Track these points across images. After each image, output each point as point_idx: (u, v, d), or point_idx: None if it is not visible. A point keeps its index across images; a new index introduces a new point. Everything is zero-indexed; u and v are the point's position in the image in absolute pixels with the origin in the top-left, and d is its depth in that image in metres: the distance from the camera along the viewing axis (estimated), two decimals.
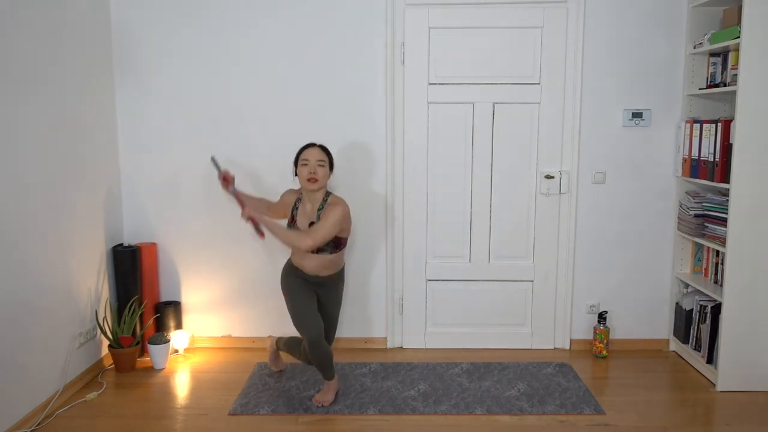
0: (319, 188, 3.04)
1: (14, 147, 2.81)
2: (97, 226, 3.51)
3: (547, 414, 3.01)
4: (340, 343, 3.84)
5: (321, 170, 3.01)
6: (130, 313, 3.55)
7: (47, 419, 2.96)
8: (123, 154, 3.77)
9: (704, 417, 3.00)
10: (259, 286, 3.85)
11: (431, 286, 3.85)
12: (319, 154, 3.03)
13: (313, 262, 3.05)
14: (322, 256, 3.04)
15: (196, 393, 3.28)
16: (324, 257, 3.04)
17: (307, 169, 3.00)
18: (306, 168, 3.00)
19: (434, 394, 3.23)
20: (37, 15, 2.97)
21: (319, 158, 3.02)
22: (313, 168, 2.99)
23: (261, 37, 3.65)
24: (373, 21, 3.63)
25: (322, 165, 3.01)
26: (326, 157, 3.06)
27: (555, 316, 3.86)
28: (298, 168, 3.04)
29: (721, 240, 3.28)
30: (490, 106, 3.69)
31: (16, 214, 2.82)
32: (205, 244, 3.82)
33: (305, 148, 3.06)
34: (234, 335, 3.91)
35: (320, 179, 3.00)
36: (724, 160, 3.23)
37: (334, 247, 3.04)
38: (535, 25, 3.62)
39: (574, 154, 3.71)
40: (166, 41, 3.66)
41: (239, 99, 3.70)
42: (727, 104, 3.61)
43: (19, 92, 2.84)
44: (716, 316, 3.37)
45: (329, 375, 3.11)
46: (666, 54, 3.63)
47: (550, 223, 3.79)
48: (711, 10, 3.53)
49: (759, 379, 3.25)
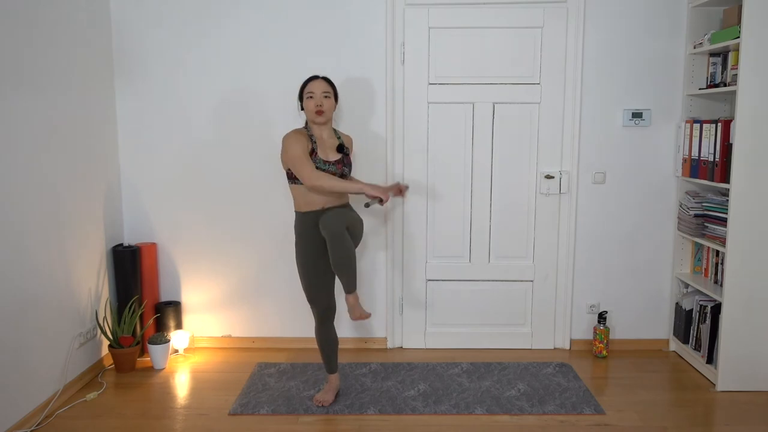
0: (326, 120, 3.00)
1: (14, 147, 2.81)
2: (97, 226, 3.51)
3: (547, 414, 3.01)
4: (340, 343, 3.84)
5: (327, 102, 2.97)
6: (130, 313, 3.55)
7: (47, 419, 2.96)
8: (123, 154, 3.77)
9: (704, 417, 3.00)
10: (259, 286, 3.85)
11: (431, 286, 3.85)
12: (324, 86, 2.98)
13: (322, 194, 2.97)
14: None
15: (196, 393, 3.28)
16: None
17: (313, 101, 2.96)
18: (312, 101, 2.96)
19: (434, 394, 3.23)
20: (37, 15, 2.97)
21: (324, 89, 2.97)
22: (319, 100, 2.95)
23: (261, 37, 3.65)
24: (373, 21, 3.63)
25: (327, 96, 2.97)
26: (331, 88, 3.01)
27: (555, 316, 3.86)
28: (304, 101, 3.00)
29: (721, 240, 3.28)
30: (490, 106, 3.69)
31: (16, 214, 2.82)
32: (205, 244, 3.82)
33: (309, 80, 3.01)
34: (234, 335, 3.91)
35: (327, 111, 2.97)
36: (724, 160, 3.23)
37: (341, 175, 3.02)
38: (535, 25, 3.62)
39: (574, 154, 3.71)
40: (167, 41, 3.66)
41: (239, 99, 3.70)
42: (727, 104, 3.61)
43: (18, 92, 2.84)
44: (716, 316, 3.37)
45: (330, 367, 3.10)
46: (666, 54, 3.63)
47: (550, 223, 3.79)
48: (711, 10, 3.53)
49: (759, 379, 3.25)
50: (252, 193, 3.78)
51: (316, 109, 2.95)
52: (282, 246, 3.78)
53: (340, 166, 3.00)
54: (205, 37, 3.66)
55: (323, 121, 2.99)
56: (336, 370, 3.15)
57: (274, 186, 3.75)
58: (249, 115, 3.71)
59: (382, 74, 3.67)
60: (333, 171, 2.98)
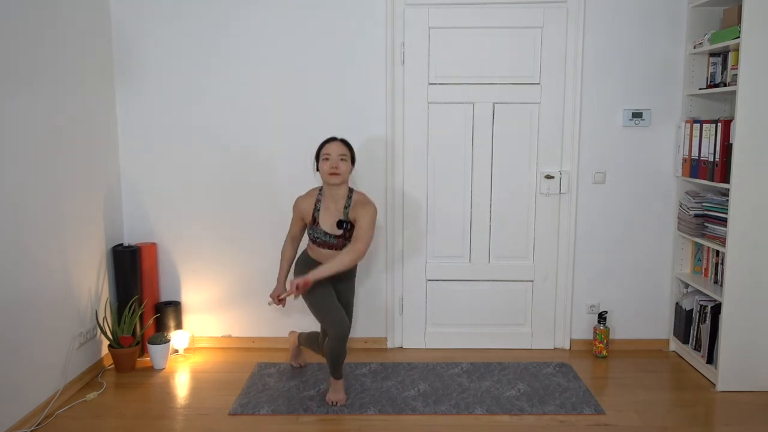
0: (342, 182, 3.00)
1: (14, 147, 2.81)
2: (97, 226, 3.51)
3: (547, 414, 3.01)
4: None
5: (343, 164, 2.98)
6: (130, 313, 3.55)
7: (47, 419, 2.96)
8: (123, 154, 3.77)
9: (704, 417, 3.00)
10: (259, 286, 3.85)
11: (431, 286, 3.85)
12: (341, 148, 3.00)
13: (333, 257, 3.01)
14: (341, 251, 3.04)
15: (196, 393, 3.28)
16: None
17: (328, 163, 2.97)
18: (328, 163, 2.97)
19: (434, 394, 3.23)
20: (37, 15, 2.97)
21: (341, 152, 2.99)
22: (335, 162, 2.96)
23: (261, 37, 3.65)
24: (373, 21, 3.63)
25: (344, 159, 2.98)
26: (348, 151, 3.02)
27: (555, 316, 3.86)
28: (320, 163, 3.01)
29: (721, 240, 3.28)
30: (490, 106, 3.69)
31: (15, 214, 2.82)
32: (205, 244, 3.82)
33: (326, 142, 3.03)
34: (234, 335, 3.91)
35: (342, 173, 2.97)
36: (724, 160, 3.23)
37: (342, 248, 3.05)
38: (535, 25, 3.62)
39: (574, 154, 3.71)
40: (166, 41, 3.66)
41: (239, 99, 3.70)
42: (727, 104, 3.61)
43: (18, 92, 2.84)
44: (716, 316, 3.37)
45: (339, 374, 3.11)
46: (666, 54, 3.63)
47: (550, 223, 3.79)
48: (711, 10, 3.53)
49: (759, 379, 3.25)
50: (252, 193, 3.78)
51: (331, 171, 2.95)
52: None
53: (341, 240, 3.03)
54: (206, 37, 3.66)
55: (338, 183, 2.99)
56: (341, 377, 3.14)
57: (274, 185, 3.75)
58: (248, 114, 3.71)
59: (382, 74, 3.67)
60: (333, 243, 3.03)
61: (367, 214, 2.94)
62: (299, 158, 3.72)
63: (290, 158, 3.73)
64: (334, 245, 3.04)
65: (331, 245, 3.04)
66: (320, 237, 3.04)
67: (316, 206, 3.06)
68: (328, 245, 3.05)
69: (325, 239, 3.03)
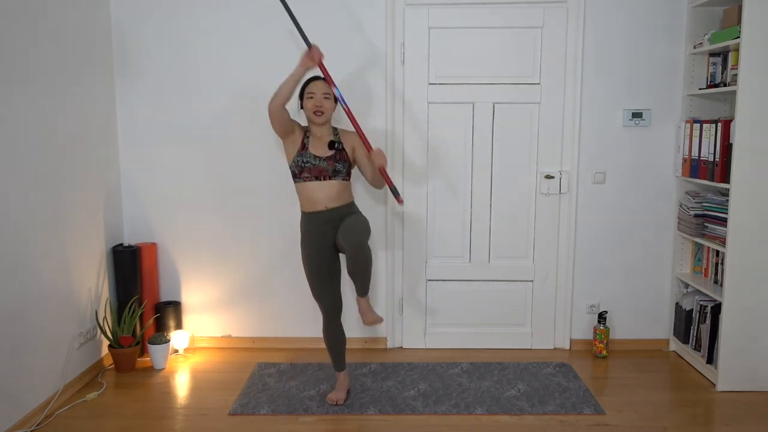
0: (325, 121, 3.02)
1: (14, 147, 2.81)
2: (97, 226, 3.51)
3: (547, 414, 3.01)
4: None
5: (327, 102, 2.99)
6: (130, 313, 3.55)
7: (47, 419, 2.96)
8: (123, 154, 3.77)
9: (704, 417, 3.00)
10: (259, 286, 3.85)
11: (431, 286, 3.85)
12: (325, 87, 3.00)
13: (324, 192, 2.96)
14: (335, 182, 2.97)
15: (196, 393, 3.28)
16: (336, 183, 2.97)
17: (312, 102, 2.98)
18: (312, 101, 2.98)
19: (434, 394, 3.23)
20: (37, 15, 2.97)
21: (325, 91, 2.99)
22: (319, 101, 2.97)
23: (260, 37, 3.65)
24: (373, 21, 3.63)
25: (327, 97, 2.99)
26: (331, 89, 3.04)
27: (555, 316, 3.86)
28: (304, 101, 3.02)
29: (721, 240, 3.28)
30: (490, 106, 3.69)
31: (16, 214, 2.82)
32: (205, 244, 3.82)
33: (310, 80, 3.03)
34: (234, 335, 3.91)
35: (326, 111, 2.99)
36: (724, 160, 3.23)
37: (347, 174, 3.02)
38: (535, 25, 3.62)
39: (574, 154, 3.71)
40: (166, 41, 3.66)
41: (239, 99, 3.70)
42: (727, 104, 3.61)
43: (18, 92, 2.84)
44: (716, 316, 3.37)
45: (337, 365, 3.10)
46: (666, 54, 3.63)
47: (550, 223, 3.79)
48: (711, 10, 3.53)
49: (759, 379, 3.25)
50: (252, 193, 3.78)
51: (315, 109, 2.97)
52: (282, 246, 3.77)
53: (331, 162, 2.98)
54: (205, 37, 3.66)
55: (322, 122, 3.01)
56: (344, 368, 3.15)
57: (274, 185, 3.75)
58: (249, 114, 3.71)
59: (382, 74, 3.67)
60: (324, 166, 2.97)
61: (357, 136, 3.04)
62: None
63: None
64: (324, 169, 2.95)
65: (321, 170, 2.95)
66: (309, 162, 2.95)
67: (305, 134, 3.04)
68: (317, 170, 2.95)
69: (315, 163, 2.95)
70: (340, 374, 3.17)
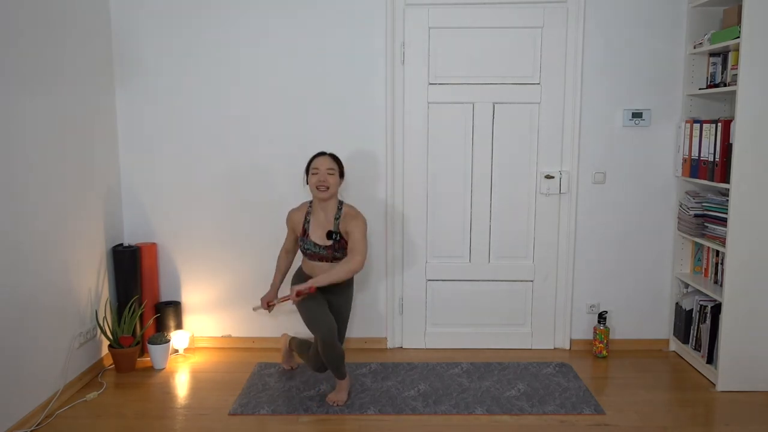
0: (330, 196, 3.07)
1: (14, 147, 2.81)
2: (97, 226, 3.51)
3: (547, 414, 3.01)
4: None
5: (331, 178, 3.05)
6: (130, 313, 3.55)
7: (47, 419, 2.96)
8: (123, 154, 3.77)
9: (704, 417, 3.00)
10: (259, 286, 3.85)
11: (431, 286, 3.85)
12: (329, 163, 3.07)
13: (325, 269, 3.11)
14: (335, 265, 3.08)
15: (196, 393, 3.28)
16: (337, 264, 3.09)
17: (317, 177, 3.05)
18: (316, 176, 3.05)
19: (434, 394, 3.23)
20: (37, 15, 2.97)
21: (329, 166, 3.06)
22: (323, 176, 3.04)
23: (261, 37, 3.65)
24: (373, 21, 3.63)
25: (332, 173, 3.06)
26: (336, 165, 3.10)
27: (555, 316, 3.86)
28: (309, 177, 3.09)
29: (721, 240, 3.28)
30: (490, 106, 3.69)
31: (16, 214, 2.82)
32: (205, 244, 3.82)
33: (315, 157, 3.11)
34: (234, 335, 3.91)
35: (331, 187, 3.05)
36: (724, 160, 3.23)
37: (332, 259, 3.11)
38: (535, 25, 3.62)
39: (574, 154, 3.71)
40: (167, 41, 3.66)
41: (239, 98, 3.70)
42: (727, 104, 3.61)
43: (19, 92, 2.84)
44: (716, 316, 3.37)
45: (341, 374, 3.12)
46: (666, 54, 3.63)
47: (550, 223, 3.79)
48: (711, 10, 3.53)
49: (759, 379, 3.25)
50: (252, 193, 3.78)
51: (319, 184, 3.03)
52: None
53: (330, 251, 3.08)
54: (205, 37, 3.66)
55: (326, 197, 3.06)
56: (345, 377, 3.15)
57: (274, 185, 3.75)
58: (249, 114, 3.71)
59: (382, 74, 3.67)
60: (323, 254, 3.09)
61: (358, 226, 3.04)
62: (298, 158, 3.72)
63: (290, 158, 3.73)
64: (324, 257, 3.10)
65: (321, 257, 3.10)
66: (310, 248, 3.10)
67: (306, 218, 3.15)
68: (318, 257, 3.11)
69: (315, 250, 3.10)
70: (341, 381, 3.16)
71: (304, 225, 3.13)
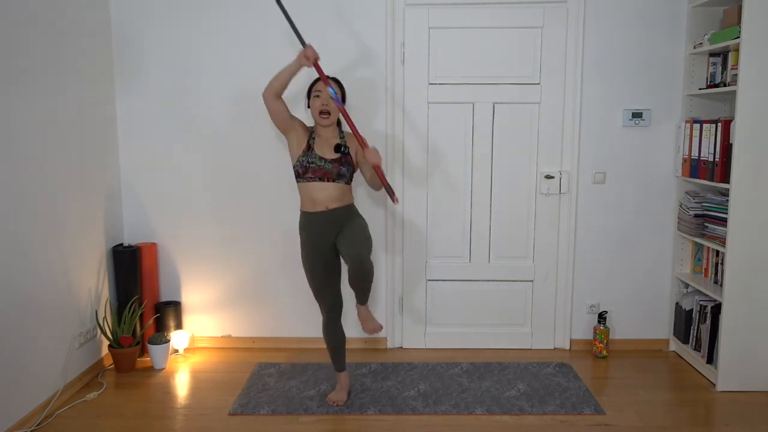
0: (332, 123, 3.00)
1: (14, 147, 2.81)
2: (97, 226, 3.51)
3: (547, 414, 3.01)
4: None
5: (333, 102, 2.96)
6: (130, 313, 3.55)
7: (47, 419, 2.96)
8: (123, 154, 3.77)
9: (704, 417, 3.00)
10: (259, 286, 3.85)
11: (431, 286, 3.85)
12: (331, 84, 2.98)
13: (326, 192, 2.95)
14: (338, 184, 2.96)
15: (196, 393, 3.28)
16: (339, 186, 2.96)
17: (319, 100, 2.95)
18: (318, 99, 2.96)
19: (434, 394, 3.23)
20: (36, 15, 2.97)
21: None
22: (326, 99, 2.95)
23: (261, 38, 3.65)
24: (373, 21, 3.63)
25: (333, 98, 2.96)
26: (339, 88, 3.03)
27: (555, 316, 3.86)
28: (311, 100, 3.00)
29: (721, 240, 3.28)
30: (490, 106, 3.69)
31: (16, 214, 2.82)
32: (205, 244, 3.82)
33: (318, 79, 3.00)
34: (234, 335, 3.91)
35: (333, 112, 2.97)
36: (724, 160, 3.23)
37: (350, 178, 3.01)
38: (535, 25, 3.62)
39: (574, 154, 3.71)
40: (167, 41, 3.66)
41: (239, 99, 3.70)
42: (727, 104, 3.61)
43: (18, 92, 2.84)
44: (716, 316, 3.37)
45: (337, 365, 3.11)
46: (666, 54, 3.63)
47: (550, 223, 3.78)
48: (711, 10, 3.53)
49: (759, 379, 3.25)
50: (253, 193, 3.78)
51: (321, 108, 2.95)
52: (282, 246, 3.77)
53: (336, 165, 2.96)
54: (205, 37, 3.66)
55: (328, 124, 3.00)
56: (344, 368, 3.15)
57: (275, 185, 3.75)
58: (249, 114, 3.71)
59: (382, 74, 3.67)
60: (329, 168, 2.94)
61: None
62: None
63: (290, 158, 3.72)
64: (329, 172, 2.93)
65: (326, 172, 2.93)
66: (314, 163, 2.93)
67: (311, 135, 3.02)
68: (322, 172, 2.93)
69: (320, 164, 2.94)
70: (341, 375, 3.17)
71: (309, 140, 2.99)
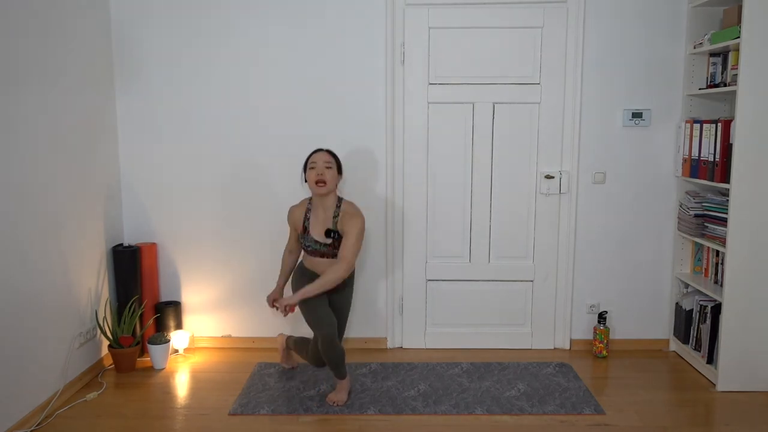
0: (328, 192, 3.05)
1: (14, 147, 2.81)
2: (97, 226, 3.51)
3: (547, 414, 3.01)
4: None
5: (329, 172, 3.02)
6: (130, 313, 3.55)
7: (47, 419, 2.96)
8: (123, 153, 3.77)
9: (704, 417, 3.00)
10: (259, 286, 3.85)
11: (431, 286, 3.85)
12: (326, 157, 3.05)
13: (324, 265, 3.11)
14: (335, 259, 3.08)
15: (196, 393, 3.28)
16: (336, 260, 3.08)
17: (314, 172, 3.02)
18: (314, 171, 3.03)
19: (434, 394, 3.23)
20: (36, 15, 2.97)
21: (326, 160, 3.04)
22: (321, 171, 3.02)
23: (261, 38, 3.65)
24: (373, 21, 3.63)
25: (329, 167, 3.03)
26: (333, 159, 3.08)
27: (555, 316, 3.86)
28: (307, 173, 3.07)
29: (721, 240, 3.28)
30: (490, 106, 3.69)
31: (16, 214, 2.82)
32: (205, 244, 3.82)
33: (313, 153, 3.09)
34: (234, 335, 3.91)
35: (328, 182, 3.02)
36: (724, 160, 3.23)
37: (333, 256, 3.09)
38: (535, 25, 3.62)
39: (574, 154, 3.71)
40: (166, 41, 3.66)
41: (239, 99, 3.70)
42: (727, 104, 3.61)
43: (18, 92, 2.84)
44: (716, 316, 3.37)
45: (341, 374, 3.12)
46: (666, 54, 3.63)
47: (550, 223, 3.79)
48: (711, 10, 3.53)
49: (759, 379, 3.25)
50: (253, 193, 3.78)
51: (317, 178, 3.01)
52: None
53: (331, 248, 3.08)
54: (205, 37, 3.66)
55: (324, 192, 3.04)
56: (345, 376, 3.15)
57: (275, 185, 3.75)
58: (249, 114, 3.71)
59: (382, 74, 3.67)
60: (324, 251, 3.08)
61: (354, 227, 3.00)
62: (299, 158, 3.72)
63: (290, 158, 3.73)
64: (326, 253, 3.09)
65: (323, 253, 3.09)
66: (311, 245, 3.09)
67: (306, 215, 3.13)
68: (319, 253, 3.10)
69: (316, 247, 3.09)
70: (341, 381, 3.17)
71: (305, 222, 3.12)
